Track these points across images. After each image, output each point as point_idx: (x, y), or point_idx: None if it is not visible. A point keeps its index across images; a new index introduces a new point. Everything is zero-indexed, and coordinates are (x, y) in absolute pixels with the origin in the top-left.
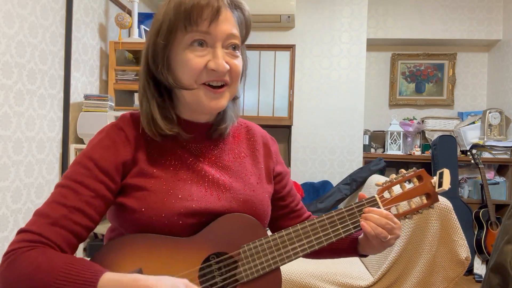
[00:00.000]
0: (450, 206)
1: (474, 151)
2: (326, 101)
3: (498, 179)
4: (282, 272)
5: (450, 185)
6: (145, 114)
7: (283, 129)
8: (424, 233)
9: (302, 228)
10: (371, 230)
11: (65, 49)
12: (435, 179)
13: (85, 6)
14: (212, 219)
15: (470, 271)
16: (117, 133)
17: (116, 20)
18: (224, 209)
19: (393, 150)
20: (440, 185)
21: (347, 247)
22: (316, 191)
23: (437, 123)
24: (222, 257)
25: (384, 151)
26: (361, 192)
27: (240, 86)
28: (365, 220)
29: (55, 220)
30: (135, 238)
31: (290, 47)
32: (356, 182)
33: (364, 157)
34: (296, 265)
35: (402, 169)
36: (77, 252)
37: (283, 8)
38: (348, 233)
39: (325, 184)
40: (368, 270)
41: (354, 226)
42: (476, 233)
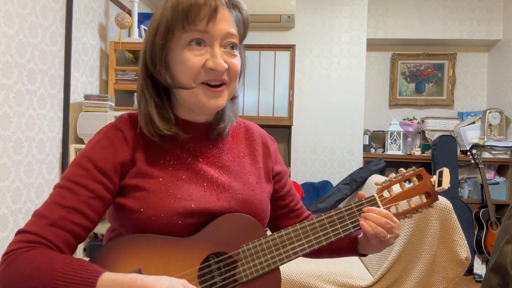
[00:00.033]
0: (450, 206)
1: (474, 151)
2: (326, 101)
3: (498, 179)
4: (282, 272)
5: (450, 184)
6: (143, 115)
7: (283, 129)
8: (424, 233)
9: (302, 228)
10: (371, 230)
11: (65, 49)
12: (435, 178)
13: (85, 6)
14: (211, 219)
15: (470, 271)
16: (115, 134)
17: (116, 20)
18: (223, 209)
19: (393, 150)
20: (440, 184)
21: (347, 247)
22: (316, 191)
23: (437, 123)
24: (222, 257)
25: (384, 151)
26: (361, 192)
27: (239, 86)
28: (365, 220)
29: (54, 221)
30: (134, 238)
31: (290, 47)
32: (356, 182)
33: (364, 157)
34: (296, 265)
35: (402, 168)
36: (77, 252)
37: (283, 8)
38: (348, 233)
39: (325, 184)
40: (368, 270)
41: (354, 226)
42: (476, 233)
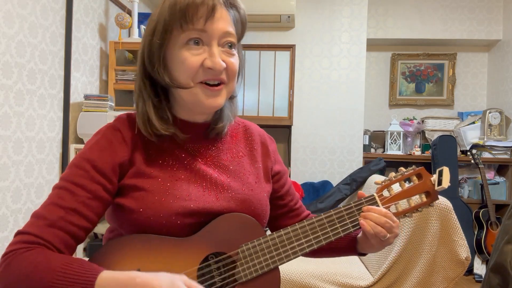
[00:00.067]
0: (450, 206)
1: (474, 151)
2: (326, 101)
3: (498, 179)
4: (282, 272)
5: (450, 184)
6: (141, 115)
7: (283, 129)
8: (424, 233)
9: (301, 228)
10: (370, 229)
11: (65, 49)
12: (435, 177)
13: (85, 6)
14: (211, 219)
15: (470, 271)
16: (114, 134)
17: (116, 20)
18: (223, 209)
19: (393, 150)
20: (440, 183)
21: (346, 246)
22: (316, 191)
23: (437, 123)
24: (221, 257)
25: (384, 151)
26: (360, 191)
27: (237, 85)
28: (364, 219)
29: (52, 222)
30: (134, 239)
31: (290, 47)
32: (356, 182)
33: (364, 157)
34: (296, 265)
35: (402, 167)
36: (77, 252)
37: (283, 8)
38: (347, 232)
39: (325, 184)
40: (368, 270)
41: (353, 225)
42: (476, 233)
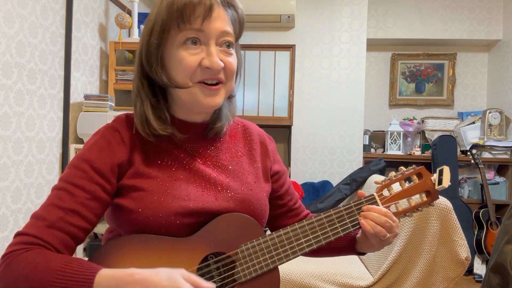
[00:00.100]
0: (450, 206)
1: (474, 151)
2: (326, 101)
3: (498, 179)
4: (282, 272)
5: (450, 183)
6: (139, 115)
7: (283, 129)
8: (424, 233)
9: (301, 228)
10: (371, 229)
11: (65, 49)
12: (435, 177)
13: (85, 6)
14: (210, 219)
15: (470, 271)
16: (112, 135)
17: (116, 20)
18: (222, 209)
19: (393, 150)
20: (440, 183)
21: (346, 245)
22: (316, 191)
23: (437, 123)
24: (220, 257)
25: (384, 151)
26: (360, 191)
27: (236, 85)
28: (365, 219)
29: (52, 223)
30: (133, 239)
31: (290, 47)
32: (356, 182)
33: (364, 157)
34: (296, 265)
35: (402, 167)
36: (77, 252)
37: (283, 8)
38: (347, 232)
39: (325, 184)
40: (368, 270)
41: (353, 225)
42: (476, 233)
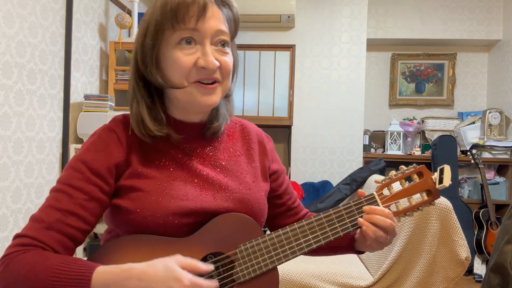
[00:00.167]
0: (450, 206)
1: (474, 151)
2: (326, 101)
3: (498, 179)
4: (282, 272)
5: (451, 182)
6: (135, 116)
7: (283, 129)
8: (424, 233)
9: (300, 228)
10: (372, 235)
11: (65, 49)
12: (436, 175)
13: (85, 6)
14: (208, 219)
15: (470, 271)
16: (109, 135)
17: (116, 20)
18: (220, 209)
19: (393, 150)
20: (441, 181)
21: (345, 245)
22: (316, 191)
23: (437, 123)
24: (219, 257)
25: (384, 151)
26: (360, 190)
27: (233, 84)
28: (367, 224)
29: (50, 224)
30: (131, 240)
31: (290, 47)
32: (356, 182)
33: (364, 157)
34: (296, 265)
35: (402, 166)
36: (77, 252)
37: (283, 8)
38: (346, 232)
39: (325, 184)
40: (368, 270)
41: (353, 225)
42: (476, 233)
